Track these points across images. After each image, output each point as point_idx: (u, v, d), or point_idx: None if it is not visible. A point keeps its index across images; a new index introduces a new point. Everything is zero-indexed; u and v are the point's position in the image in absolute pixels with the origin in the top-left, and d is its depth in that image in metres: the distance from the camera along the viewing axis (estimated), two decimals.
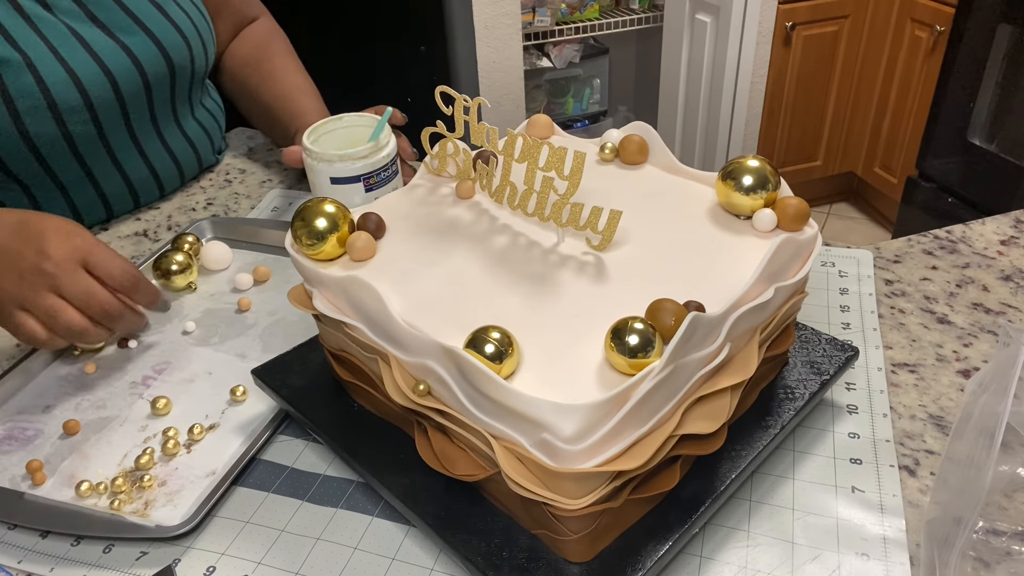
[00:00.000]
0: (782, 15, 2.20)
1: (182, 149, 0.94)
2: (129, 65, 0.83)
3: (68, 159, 0.82)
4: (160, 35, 0.85)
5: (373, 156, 0.75)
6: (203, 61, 0.93)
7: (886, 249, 0.78)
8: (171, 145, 0.93)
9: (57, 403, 0.65)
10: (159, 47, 0.85)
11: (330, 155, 0.73)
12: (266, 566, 0.51)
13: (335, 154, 0.73)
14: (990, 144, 2.00)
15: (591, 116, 2.73)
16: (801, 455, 0.57)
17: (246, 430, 0.61)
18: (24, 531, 0.55)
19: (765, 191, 0.52)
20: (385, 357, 0.49)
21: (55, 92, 0.77)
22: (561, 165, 0.50)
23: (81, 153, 0.82)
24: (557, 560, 0.46)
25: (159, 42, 0.85)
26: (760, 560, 0.50)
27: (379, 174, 0.76)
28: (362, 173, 0.74)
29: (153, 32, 0.85)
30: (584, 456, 0.40)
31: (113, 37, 0.82)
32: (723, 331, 0.45)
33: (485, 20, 2.09)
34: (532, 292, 0.49)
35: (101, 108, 0.81)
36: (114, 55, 0.81)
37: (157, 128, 0.90)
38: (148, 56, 0.84)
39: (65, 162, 0.82)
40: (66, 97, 0.78)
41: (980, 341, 0.67)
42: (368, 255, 0.52)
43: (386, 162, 0.76)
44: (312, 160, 0.75)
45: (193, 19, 0.90)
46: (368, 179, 0.75)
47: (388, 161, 0.76)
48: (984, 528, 0.50)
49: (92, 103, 0.80)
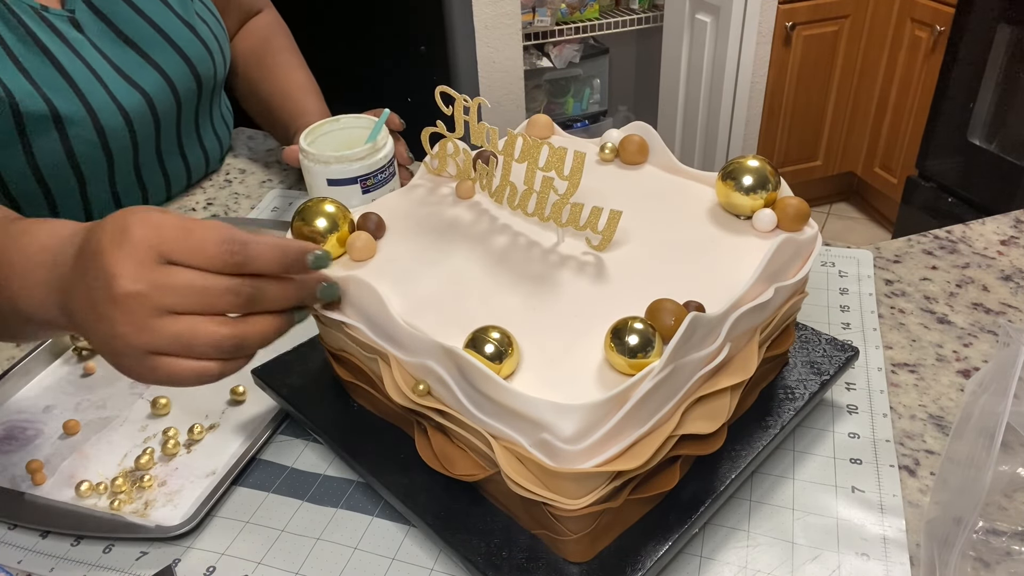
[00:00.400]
0: (782, 15, 2.20)
1: (196, 159, 0.94)
2: (163, 84, 0.82)
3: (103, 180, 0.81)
4: (188, 50, 0.84)
5: (370, 158, 0.74)
6: (223, 69, 0.92)
7: (886, 249, 0.78)
8: (188, 156, 0.93)
9: (57, 403, 0.65)
10: (188, 63, 0.84)
11: (327, 156, 0.73)
12: (266, 566, 0.51)
13: (332, 155, 0.73)
14: (990, 144, 2.00)
15: (591, 116, 2.73)
16: (801, 455, 0.57)
17: (246, 430, 0.61)
18: (24, 531, 0.55)
19: (765, 191, 0.52)
20: (385, 357, 0.49)
21: (102, 117, 0.76)
22: (561, 165, 0.50)
23: (114, 174, 0.82)
24: (557, 560, 0.46)
25: (187, 58, 0.84)
26: (760, 560, 0.50)
27: (376, 176, 0.75)
28: (359, 175, 0.74)
29: (181, 48, 0.84)
30: (584, 456, 0.40)
31: (144, 56, 0.81)
32: (723, 331, 0.45)
33: (485, 20, 2.09)
34: (532, 292, 0.49)
35: (141, 132, 0.81)
36: (149, 77, 0.81)
37: (180, 142, 0.90)
38: (179, 74, 0.84)
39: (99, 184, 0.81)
40: (111, 122, 0.77)
41: (980, 341, 0.67)
42: (368, 255, 0.52)
43: (383, 164, 0.76)
44: (309, 161, 0.74)
45: (212, 28, 0.89)
46: (365, 180, 0.75)
47: (385, 163, 0.76)
48: (984, 528, 0.50)
49: (134, 128, 0.80)
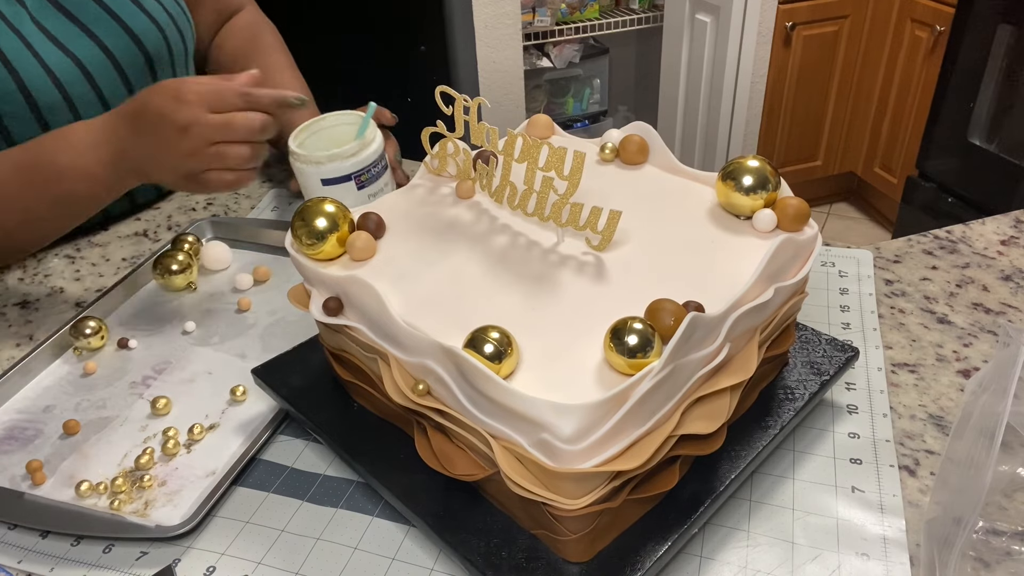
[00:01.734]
0: (782, 15, 2.20)
1: None
2: (101, 56, 0.81)
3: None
4: (132, 24, 0.84)
5: (361, 153, 0.74)
6: (181, 48, 0.91)
7: (886, 249, 0.78)
8: None
9: (57, 403, 0.65)
10: (131, 36, 0.84)
11: (318, 156, 0.73)
12: (266, 566, 0.51)
13: (323, 155, 0.73)
14: (990, 144, 2.00)
15: (591, 116, 2.73)
16: (801, 455, 0.57)
17: (246, 430, 0.61)
18: (24, 531, 0.55)
19: (765, 191, 0.52)
20: (385, 357, 0.49)
21: (34, 90, 0.76)
22: (561, 165, 0.50)
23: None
24: (556, 560, 0.46)
25: (130, 30, 0.83)
26: (760, 560, 0.50)
27: (369, 171, 0.75)
28: (353, 171, 0.74)
29: (124, 21, 0.83)
30: (583, 456, 0.40)
31: (82, 27, 0.80)
32: (723, 331, 0.45)
33: (485, 20, 2.09)
34: (532, 292, 0.49)
35: (80, 103, 0.80)
36: (85, 47, 0.80)
37: None
38: (119, 45, 0.83)
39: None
40: (45, 96, 0.77)
41: (980, 341, 0.67)
42: (368, 255, 0.52)
43: (375, 158, 0.75)
44: (300, 163, 0.74)
45: (166, 6, 0.88)
46: (359, 176, 0.74)
47: (377, 157, 0.75)
48: (984, 528, 0.50)
49: (71, 99, 0.79)
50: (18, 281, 0.82)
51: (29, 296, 0.79)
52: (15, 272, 0.83)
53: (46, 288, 0.80)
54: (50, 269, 0.83)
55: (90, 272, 0.83)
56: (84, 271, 0.83)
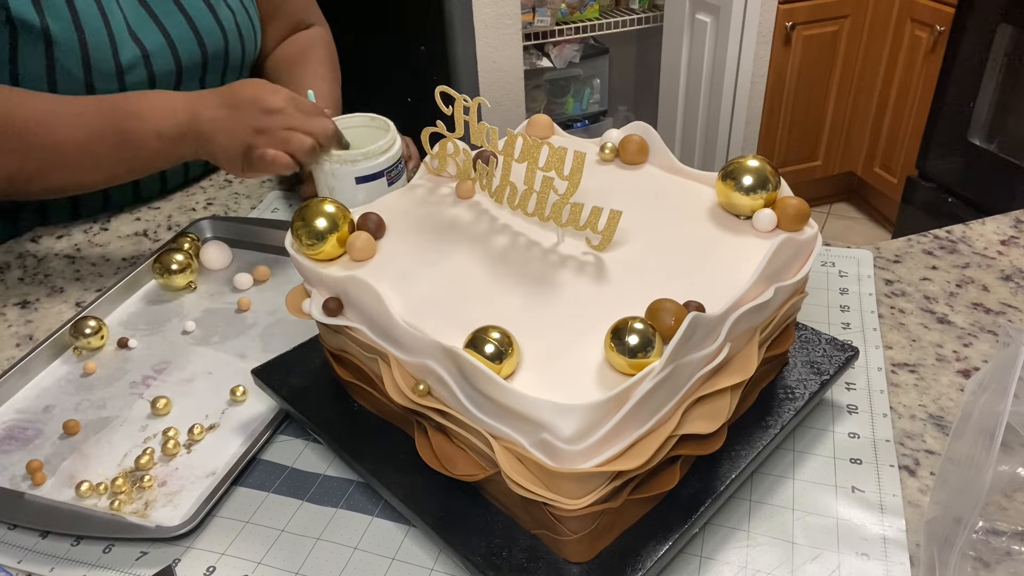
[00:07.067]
0: (782, 15, 2.20)
1: None
2: (165, 48, 0.85)
3: None
4: (199, 22, 0.88)
5: (391, 149, 0.78)
6: (239, 56, 0.94)
7: (886, 249, 0.78)
8: None
9: (57, 403, 0.65)
10: (195, 32, 0.87)
11: (353, 155, 0.76)
12: (266, 566, 0.51)
13: (359, 153, 0.76)
14: (990, 144, 2.00)
15: (591, 116, 2.73)
16: (801, 455, 0.57)
17: (246, 430, 0.61)
18: (24, 531, 0.55)
19: (765, 191, 0.52)
20: (385, 357, 0.49)
21: (94, 60, 0.79)
22: (561, 165, 0.50)
23: None
24: (557, 560, 0.46)
25: (196, 28, 0.87)
26: (760, 560, 0.50)
27: (396, 167, 0.79)
28: (385, 168, 0.77)
29: (192, 18, 0.87)
30: (584, 456, 0.40)
31: (153, 16, 0.84)
32: (723, 331, 0.45)
33: (485, 20, 2.09)
34: (532, 292, 0.49)
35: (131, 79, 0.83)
36: (151, 34, 0.84)
37: None
38: (183, 38, 0.87)
39: None
40: (103, 67, 0.80)
41: (980, 341, 0.67)
42: (368, 255, 0.52)
43: (399, 154, 0.79)
44: (335, 164, 0.76)
45: (236, 14, 0.92)
46: (390, 172, 0.78)
47: (400, 154, 0.79)
48: (984, 528, 0.50)
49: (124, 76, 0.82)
50: (18, 281, 0.82)
51: (29, 296, 0.79)
52: (15, 272, 0.83)
53: (46, 288, 0.80)
54: (50, 269, 0.83)
55: (90, 272, 0.83)
56: (84, 271, 0.83)
